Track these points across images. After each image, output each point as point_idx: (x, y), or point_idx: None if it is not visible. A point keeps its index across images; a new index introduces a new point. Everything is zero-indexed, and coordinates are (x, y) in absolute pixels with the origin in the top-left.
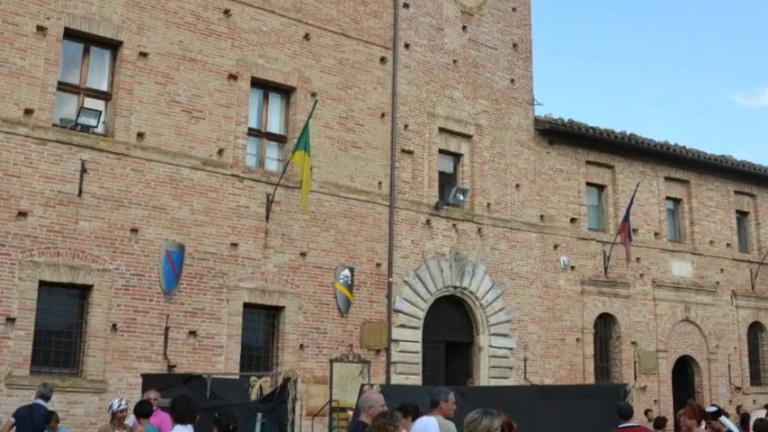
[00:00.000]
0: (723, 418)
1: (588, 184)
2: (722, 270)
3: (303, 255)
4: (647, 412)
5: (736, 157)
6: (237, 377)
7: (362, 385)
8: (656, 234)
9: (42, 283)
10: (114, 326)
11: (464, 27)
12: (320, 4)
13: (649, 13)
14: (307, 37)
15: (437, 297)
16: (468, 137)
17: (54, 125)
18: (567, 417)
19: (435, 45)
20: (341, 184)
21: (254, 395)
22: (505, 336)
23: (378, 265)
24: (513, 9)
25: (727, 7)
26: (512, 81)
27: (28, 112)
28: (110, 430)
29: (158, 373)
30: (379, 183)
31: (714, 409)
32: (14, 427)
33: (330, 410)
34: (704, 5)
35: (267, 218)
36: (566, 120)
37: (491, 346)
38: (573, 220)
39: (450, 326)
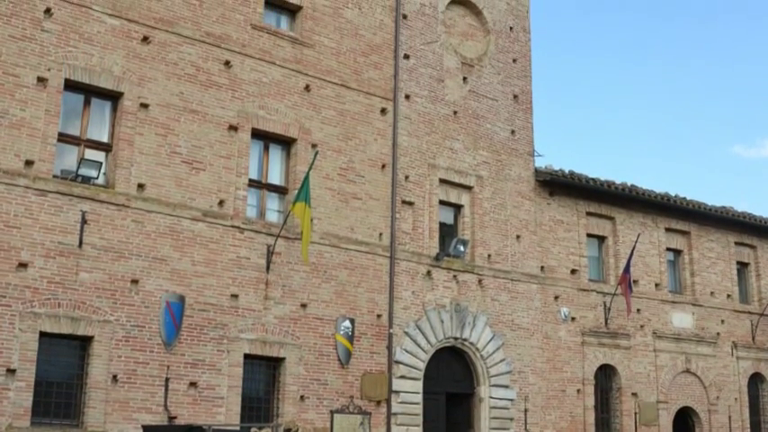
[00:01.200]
0: None
1: (589, 235)
2: (723, 321)
3: (304, 306)
4: None
5: (736, 209)
6: (238, 428)
7: None
8: (656, 285)
9: (43, 335)
10: (115, 377)
11: (465, 78)
12: (321, 56)
13: (650, 63)
14: (307, 88)
15: (438, 348)
16: (468, 188)
17: (55, 176)
18: None
19: (436, 96)
20: (341, 236)
21: None
22: (506, 387)
23: (378, 316)
24: (514, 60)
25: (728, 58)
26: (512, 132)
27: (29, 163)
28: None
29: (159, 424)
30: (380, 234)
31: None
32: None
33: None
34: (705, 56)
35: (268, 269)
36: (566, 171)
37: (492, 398)
38: (573, 271)
39: (451, 377)
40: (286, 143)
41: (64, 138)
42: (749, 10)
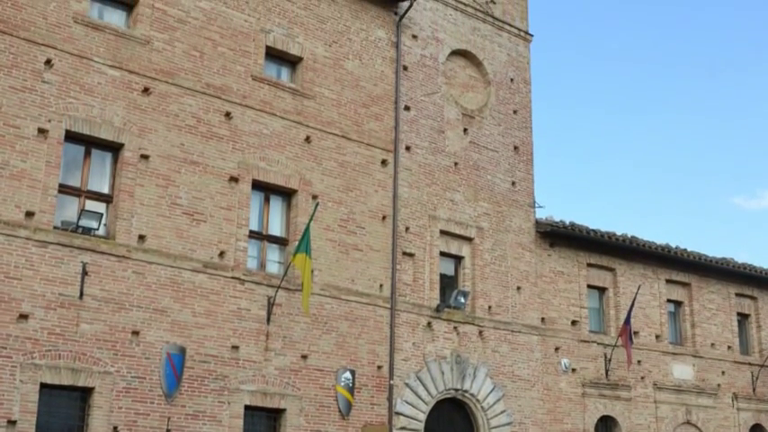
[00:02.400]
0: None
1: (589, 286)
2: (723, 372)
3: (304, 357)
4: None
5: (737, 260)
6: None
7: None
8: (657, 337)
9: (43, 386)
10: (115, 428)
11: (465, 130)
12: (321, 107)
13: (650, 115)
14: (308, 139)
15: (438, 399)
16: (469, 239)
17: (55, 228)
18: None
19: (436, 148)
20: (342, 287)
21: None
22: None
23: (379, 367)
24: (515, 112)
25: (728, 110)
26: (513, 184)
27: (29, 214)
28: None
29: None
30: (381, 285)
31: None
32: None
33: None
34: (705, 108)
35: (268, 320)
36: (567, 222)
37: None
38: (574, 322)
39: (452, 429)
40: (287, 194)
41: (64, 189)
42: (748, 64)
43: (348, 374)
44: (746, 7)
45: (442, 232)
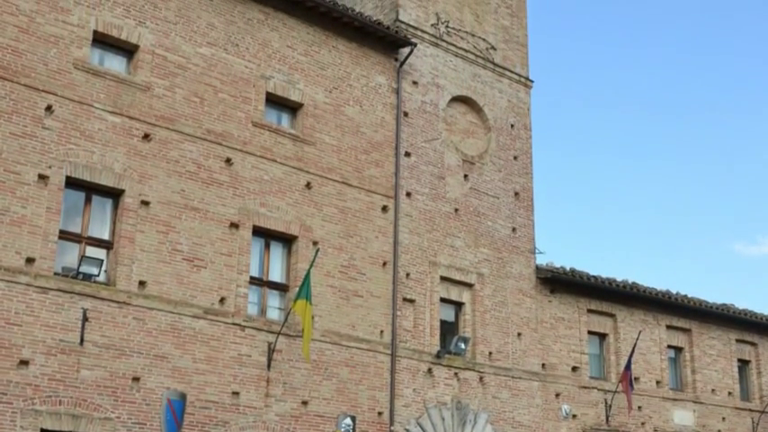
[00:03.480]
0: None
1: (590, 332)
2: (724, 419)
3: (305, 403)
4: None
5: (737, 306)
6: None
7: None
8: (657, 382)
9: None
10: None
11: (465, 176)
12: (322, 153)
13: (650, 161)
14: (308, 185)
15: None
16: (469, 285)
17: (56, 274)
18: None
19: (437, 194)
20: (342, 333)
21: None
22: None
23: (379, 413)
24: (515, 158)
25: (727, 156)
26: (513, 230)
27: (30, 260)
28: None
29: None
30: (381, 331)
31: None
32: None
33: None
34: (705, 155)
35: (269, 366)
36: (567, 268)
37: None
38: (575, 368)
39: None
40: (287, 241)
41: (65, 235)
42: (748, 110)
43: (349, 420)
44: (747, 54)
45: (443, 278)
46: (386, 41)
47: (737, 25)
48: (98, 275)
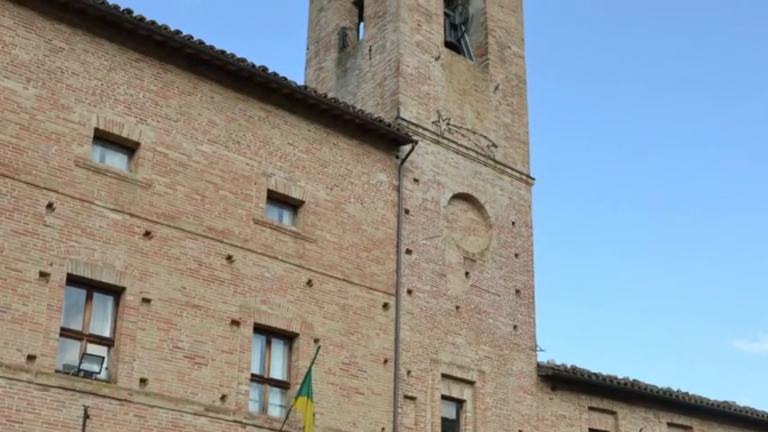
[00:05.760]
0: None
1: (591, 430)
2: None
3: None
4: None
5: (739, 404)
6: None
7: None
8: None
9: None
10: None
11: (467, 273)
12: (323, 251)
13: (650, 258)
14: (309, 283)
15: None
16: (470, 383)
17: (57, 371)
18: None
19: (438, 291)
20: (344, 431)
21: None
22: None
23: None
24: (516, 255)
25: (727, 254)
26: (514, 327)
27: (31, 358)
28: None
29: None
30: (382, 429)
31: None
32: None
33: None
34: (705, 252)
35: None
36: (568, 366)
37: None
38: None
39: None
40: (288, 338)
41: (66, 332)
42: (747, 207)
43: None
44: (745, 151)
45: (444, 376)
46: (387, 139)
47: (733, 123)
48: (99, 373)
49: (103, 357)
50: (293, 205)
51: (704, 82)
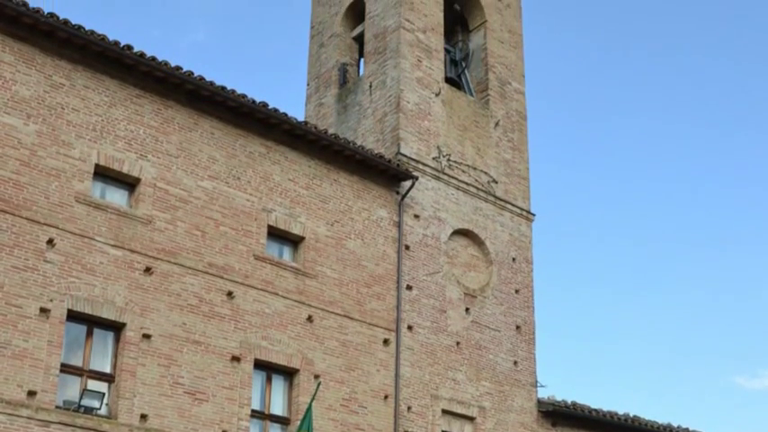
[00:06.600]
0: None
1: None
2: None
3: None
4: None
5: None
6: None
7: None
8: None
9: None
10: None
11: (467, 309)
12: (323, 287)
13: (651, 293)
14: (310, 319)
15: None
16: (471, 419)
17: (57, 407)
18: None
19: (438, 327)
20: None
21: None
22: None
23: None
24: (516, 291)
25: (727, 287)
26: (515, 363)
27: (31, 393)
28: None
29: None
30: None
31: None
32: None
33: None
34: (704, 285)
35: None
36: (569, 402)
37: None
38: None
39: None
40: (289, 374)
41: (66, 368)
42: (748, 243)
43: None
44: (742, 185)
45: (444, 412)
46: (387, 175)
47: (732, 158)
48: (100, 409)
49: (104, 393)
50: (294, 241)
51: (704, 117)
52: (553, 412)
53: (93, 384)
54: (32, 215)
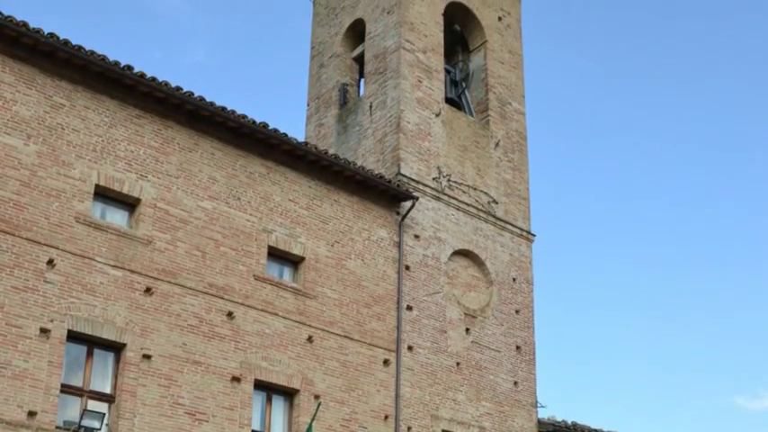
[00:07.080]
0: None
1: None
2: None
3: None
4: None
5: None
6: None
7: None
8: None
9: None
10: None
11: (467, 329)
12: (324, 307)
13: (651, 313)
14: (310, 339)
15: None
16: None
17: (57, 428)
18: None
19: (439, 347)
20: None
21: None
22: None
23: None
24: (517, 311)
25: (727, 309)
26: (515, 383)
27: (31, 414)
28: None
29: None
30: None
31: None
32: None
33: None
34: (704, 307)
35: None
36: (569, 422)
37: None
38: None
39: None
40: (289, 394)
41: (67, 389)
42: (748, 263)
43: None
44: (742, 205)
45: None
46: (387, 195)
47: (732, 178)
48: (100, 429)
49: (104, 414)
50: (294, 261)
51: (704, 138)
52: None
53: (94, 405)
54: (33, 235)
